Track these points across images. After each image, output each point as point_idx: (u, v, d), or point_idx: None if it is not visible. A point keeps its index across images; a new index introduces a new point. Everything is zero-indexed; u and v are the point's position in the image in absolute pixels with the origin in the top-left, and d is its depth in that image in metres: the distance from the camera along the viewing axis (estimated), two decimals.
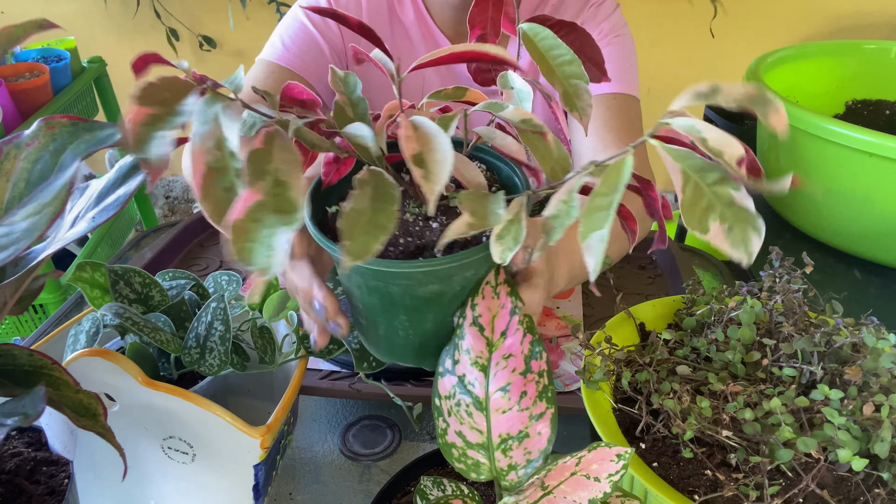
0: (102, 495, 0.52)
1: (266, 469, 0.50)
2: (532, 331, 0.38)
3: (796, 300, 0.49)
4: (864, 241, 0.95)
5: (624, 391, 0.48)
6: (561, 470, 0.35)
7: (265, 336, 0.52)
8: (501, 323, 0.38)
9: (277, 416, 0.48)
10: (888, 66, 1.20)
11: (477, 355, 0.38)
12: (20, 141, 0.29)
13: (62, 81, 1.52)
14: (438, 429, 0.39)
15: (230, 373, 0.52)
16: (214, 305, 0.49)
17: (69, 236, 0.32)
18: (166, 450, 0.49)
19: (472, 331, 0.39)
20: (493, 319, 0.39)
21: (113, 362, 0.45)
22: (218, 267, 0.87)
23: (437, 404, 0.39)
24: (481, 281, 0.40)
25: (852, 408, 0.40)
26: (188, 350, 0.48)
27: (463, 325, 0.39)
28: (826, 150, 0.93)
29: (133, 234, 1.93)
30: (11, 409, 0.31)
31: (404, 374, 0.67)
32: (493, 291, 0.39)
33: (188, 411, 0.46)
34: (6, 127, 1.29)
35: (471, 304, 0.39)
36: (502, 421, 0.37)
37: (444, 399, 0.39)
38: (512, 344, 0.38)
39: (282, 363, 0.53)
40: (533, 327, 0.39)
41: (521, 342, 0.38)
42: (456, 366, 0.39)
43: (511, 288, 0.39)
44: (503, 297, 0.39)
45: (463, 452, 0.38)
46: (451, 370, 0.39)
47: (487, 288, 0.39)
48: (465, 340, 0.39)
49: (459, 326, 0.39)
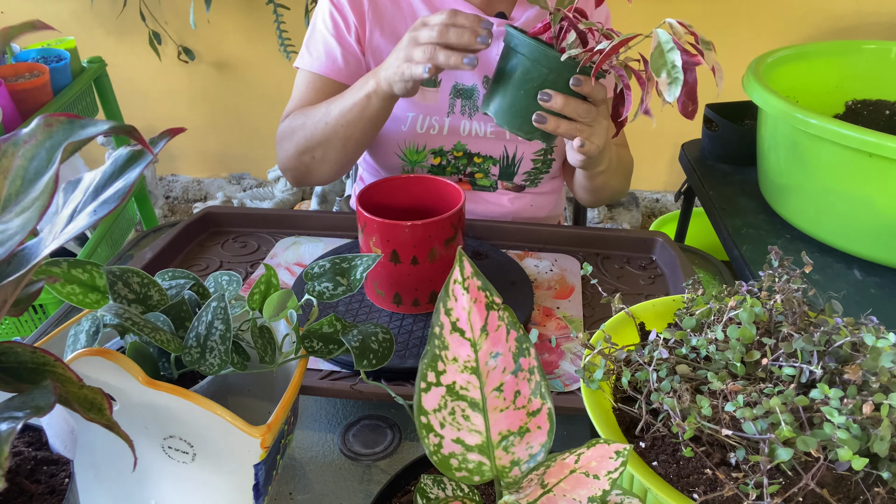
0: (102, 495, 0.52)
1: (266, 469, 0.51)
2: (515, 326, 0.37)
3: (796, 300, 0.49)
4: (864, 241, 0.96)
5: (624, 391, 0.48)
6: (560, 467, 0.35)
7: (265, 336, 0.52)
8: (479, 319, 0.37)
9: (277, 416, 0.48)
10: (888, 66, 1.20)
11: (465, 360, 0.37)
12: (18, 138, 0.29)
13: (62, 81, 1.52)
14: (430, 446, 0.37)
15: (230, 372, 0.52)
16: (215, 305, 0.49)
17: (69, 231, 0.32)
18: (166, 449, 0.49)
19: (453, 338, 0.37)
20: (469, 316, 0.37)
21: (113, 362, 0.45)
22: (218, 267, 0.87)
23: (424, 422, 0.37)
24: (555, 86, 0.66)
25: (852, 407, 0.40)
26: (189, 349, 0.48)
27: (442, 334, 0.37)
28: (826, 150, 0.93)
29: (133, 234, 1.93)
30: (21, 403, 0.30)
31: (404, 374, 0.67)
32: (462, 288, 0.38)
33: (188, 411, 0.46)
34: (6, 127, 1.29)
35: (445, 310, 0.37)
36: (501, 419, 0.37)
37: (433, 413, 0.37)
38: (496, 340, 0.37)
39: (282, 363, 0.53)
40: (515, 323, 0.37)
41: (507, 339, 0.37)
42: (441, 376, 0.37)
43: (482, 282, 0.38)
44: (474, 290, 0.38)
45: (464, 458, 0.37)
46: (435, 382, 0.37)
47: (457, 287, 0.38)
48: (448, 350, 0.37)
49: (437, 337, 0.38)
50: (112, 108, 1.78)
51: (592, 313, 0.78)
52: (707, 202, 1.21)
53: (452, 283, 0.38)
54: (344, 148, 0.87)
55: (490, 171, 1.01)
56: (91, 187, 0.34)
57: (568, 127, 0.69)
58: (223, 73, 2.33)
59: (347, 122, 0.84)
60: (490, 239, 0.92)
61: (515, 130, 0.70)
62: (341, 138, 0.86)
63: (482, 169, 1.00)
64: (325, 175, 0.93)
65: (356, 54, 0.93)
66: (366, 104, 0.82)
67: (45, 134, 0.29)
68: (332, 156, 0.89)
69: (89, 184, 0.35)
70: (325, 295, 0.55)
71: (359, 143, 0.87)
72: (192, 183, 2.61)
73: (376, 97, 0.80)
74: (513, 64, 0.67)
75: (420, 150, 0.98)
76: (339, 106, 0.84)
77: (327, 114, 0.86)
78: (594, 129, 0.71)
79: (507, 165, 1.00)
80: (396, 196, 0.79)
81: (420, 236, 0.70)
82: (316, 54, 0.93)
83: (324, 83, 0.93)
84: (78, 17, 2.22)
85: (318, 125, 0.86)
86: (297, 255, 0.89)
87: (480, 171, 1.01)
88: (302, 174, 0.93)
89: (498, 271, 0.83)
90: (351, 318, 0.75)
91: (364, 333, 0.54)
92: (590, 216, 2.30)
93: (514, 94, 0.68)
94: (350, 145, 0.87)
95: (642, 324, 0.56)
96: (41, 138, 0.29)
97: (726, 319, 0.48)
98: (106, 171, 0.35)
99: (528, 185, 1.04)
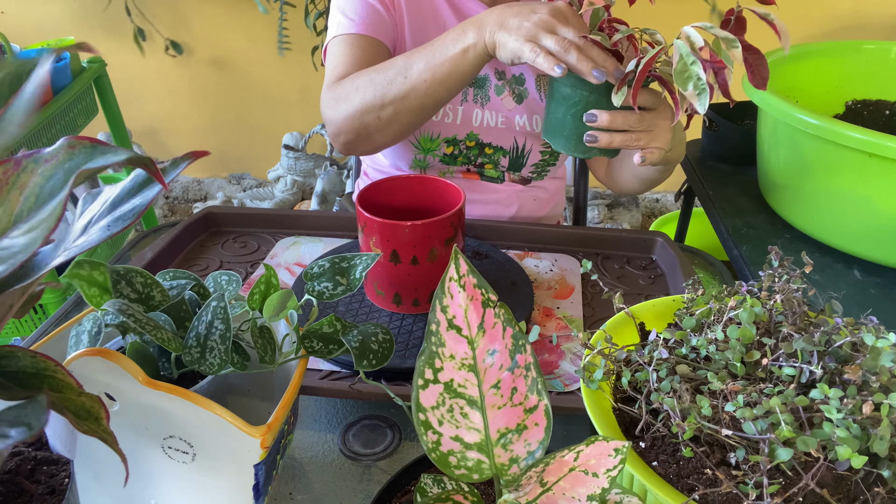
0: (102, 495, 0.52)
1: (266, 469, 0.51)
2: (511, 323, 0.37)
3: (796, 300, 0.49)
4: (864, 241, 0.96)
5: (624, 391, 0.48)
6: (559, 465, 0.35)
7: (265, 336, 0.52)
8: (475, 316, 0.37)
9: (277, 416, 0.48)
10: (888, 66, 1.20)
11: (462, 358, 0.37)
12: (40, 156, 0.29)
13: (62, 81, 1.52)
14: (429, 444, 0.37)
15: (230, 373, 0.52)
16: (215, 304, 0.49)
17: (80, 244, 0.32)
18: (166, 449, 0.49)
19: (450, 335, 0.37)
20: (466, 313, 0.37)
21: (113, 362, 0.45)
22: (218, 267, 0.87)
23: (422, 419, 0.37)
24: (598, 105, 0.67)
25: (852, 407, 0.40)
26: (189, 349, 0.48)
27: (438, 331, 0.37)
28: (826, 150, 0.93)
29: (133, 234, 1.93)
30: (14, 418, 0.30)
31: (404, 374, 0.67)
32: (458, 286, 0.38)
33: (188, 411, 0.46)
34: None
35: (441, 308, 0.37)
36: (499, 416, 0.37)
37: (430, 410, 0.37)
38: (493, 337, 0.37)
39: (282, 363, 0.53)
40: (511, 319, 0.38)
41: (503, 336, 0.37)
42: (439, 373, 0.37)
43: (478, 279, 0.38)
44: (470, 289, 0.38)
45: (463, 455, 0.37)
46: (432, 380, 0.37)
47: (453, 284, 0.38)
48: (445, 347, 0.37)
49: (434, 334, 0.38)
50: (112, 109, 1.77)
51: (592, 313, 0.78)
52: (707, 202, 1.21)
53: (448, 280, 0.38)
54: (421, 106, 0.79)
55: (499, 163, 1.01)
56: (109, 201, 0.35)
57: (623, 138, 0.68)
58: (223, 73, 2.33)
59: (434, 77, 0.76)
60: (490, 239, 0.92)
61: (572, 153, 0.70)
62: (421, 95, 0.78)
63: (492, 160, 1.01)
64: (385, 139, 0.84)
65: (391, 13, 0.91)
66: (461, 59, 0.74)
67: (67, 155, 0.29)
68: (403, 116, 0.80)
69: (108, 198, 0.35)
70: (325, 295, 0.55)
71: (438, 103, 0.79)
72: (192, 183, 2.61)
73: (474, 53, 0.73)
74: (555, 90, 0.69)
75: (434, 138, 0.97)
76: (427, 58, 0.76)
77: (408, 65, 0.77)
78: (654, 134, 0.69)
79: (516, 157, 1.01)
80: (396, 196, 0.79)
81: (420, 236, 0.70)
82: (357, 16, 0.89)
83: (371, 43, 0.89)
84: (78, 17, 2.22)
85: (395, 78, 0.78)
86: (297, 255, 0.89)
87: (490, 162, 1.01)
88: (360, 138, 0.84)
89: (498, 271, 0.83)
90: (351, 318, 0.75)
91: (364, 334, 0.54)
92: (590, 216, 2.30)
93: (562, 118, 0.69)
94: (429, 104, 0.79)
95: (642, 324, 0.56)
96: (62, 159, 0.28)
97: (726, 319, 0.48)
98: (125, 186, 0.35)
99: (535, 178, 1.05)
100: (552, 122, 0.71)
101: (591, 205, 2.32)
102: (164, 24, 2.21)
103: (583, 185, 1.25)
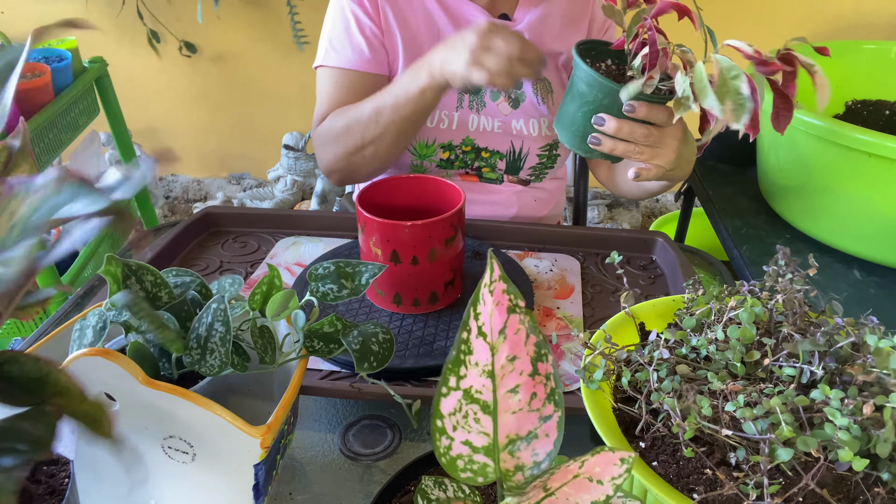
0: (102, 495, 0.52)
1: (266, 469, 0.51)
2: (535, 331, 0.37)
3: (797, 300, 0.49)
4: (864, 241, 0.96)
5: (624, 391, 0.48)
6: (564, 472, 0.34)
7: (265, 336, 0.52)
8: (498, 321, 0.37)
9: (278, 416, 0.48)
10: (888, 66, 1.20)
11: (483, 364, 0.37)
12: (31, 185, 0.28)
13: (63, 82, 1.52)
14: (440, 448, 0.37)
15: (230, 373, 0.52)
16: (215, 307, 0.49)
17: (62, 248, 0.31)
18: (166, 449, 0.49)
19: (478, 342, 0.37)
20: (491, 318, 0.37)
21: (113, 362, 0.45)
22: (218, 267, 0.87)
23: (439, 426, 0.37)
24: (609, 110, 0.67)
25: (853, 408, 0.40)
26: (189, 351, 0.48)
27: (469, 339, 0.37)
28: (826, 150, 0.93)
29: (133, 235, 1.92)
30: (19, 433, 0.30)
31: (404, 374, 0.67)
32: (488, 291, 0.38)
33: (188, 411, 0.46)
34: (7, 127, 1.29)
35: (474, 315, 0.37)
36: (512, 421, 0.37)
37: (447, 417, 0.37)
38: (514, 344, 0.37)
39: (282, 363, 0.53)
40: (536, 327, 0.38)
41: (525, 343, 0.37)
42: (461, 381, 0.37)
43: (508, 285, 0.38)
44: (498, 293, 0.38)
45: (470, 459, 0.37)
46: (455, 387, 0.37)
47: (485, 290, 0.38)
48: (472, 355, 0.37)
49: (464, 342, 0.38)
50: (113, 109, 1.77)
51: (592, 313, 0.78)
52: (707, 202, 1.21)
53: (482, 286, 0.37)
54: (397, 142, 0.87)
55: (497, 166, 1.01)
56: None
57: (626, 148, 0.68)
58: (224, 73, 2.33)
59: (401, 117, 0.83)
60: (490, 239, 0.92)
61: (574, 149, 0.72)
62: (394, 134, 0.86)
63: (489, 164, 1.01)
64: (375, 170, 0.92)
65: (379, 38, 0.93)
66: (420, 98, 0.81)
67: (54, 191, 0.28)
68: (383, 152, 0.88)
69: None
70: (330, 296, 0.55)
71: (411, 134, 0.88)
72: (192, 183, 2.61)
73: (431, 90, 0.80)
74: (574, 85, 0.70)
75: (430, 144, 0.98)
76: (391, 102, 0.83)
77: (378, 112, 0.84)
78: (658, 151, 0.70)
79: (513, 160, 1.01)
80: (396, 196, 0.79)
81: (420, 236, 0.70)
82: (342, 49, 0.93)
83: (354, 78, 0.94)
84: (79, 16, 2.22)
85: (368, 124, 0.86)
86: (297, 256, 0.89)
87: (487, 166, 1.01)
88: (351, 173, 0.93)
89: None
90: (351, 318, 0.75)
91: (364, 334, 0.54)
92: (590, 216, 2.30)
93: (574, 114, 0.70)
94: (403, 139, 0.87)
95: (642, 324, 0.56)
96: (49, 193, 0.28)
97: (726, 319, 0.48)
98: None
99: (534, 180, 1.05)
100: (564, 115, 0.71)
101: (591, 205, 2.32)
102: (164, 23, 2.21)
103: (583, 186, 1.25)
